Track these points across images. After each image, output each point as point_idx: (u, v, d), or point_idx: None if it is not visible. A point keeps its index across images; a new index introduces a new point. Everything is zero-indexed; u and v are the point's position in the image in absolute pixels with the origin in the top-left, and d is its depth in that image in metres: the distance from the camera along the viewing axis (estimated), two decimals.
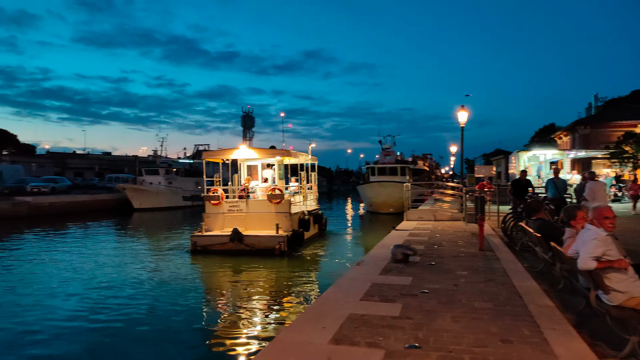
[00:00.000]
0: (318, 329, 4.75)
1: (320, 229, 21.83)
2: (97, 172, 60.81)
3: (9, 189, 36.16)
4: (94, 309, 9.72)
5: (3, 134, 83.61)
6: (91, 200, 37.00)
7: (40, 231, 23.73)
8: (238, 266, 14.32)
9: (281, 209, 16.96)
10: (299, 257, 16.05)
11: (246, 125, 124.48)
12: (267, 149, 21.01)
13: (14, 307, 9.93)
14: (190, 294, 11.15)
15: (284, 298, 10.93)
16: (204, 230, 17.00)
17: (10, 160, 51.72)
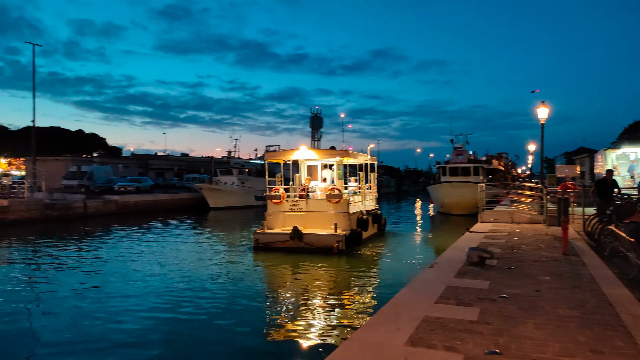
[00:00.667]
0: (393, 330, 4.73)
1: (379, 229, 21.76)
2: (176, 173, 64.35)
3: (99, 188, 39.31)
4: (163, 302, 10.21)
5: (94, 137, 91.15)
6: (171, 199, 39.26)
7: (126, 227, 25.58)
8: (298, 263, 14.67)
9: (339, 208, 17.20)
10: (358, 256, 16.13)
11: (314, 126, 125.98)
12: (327, 150, 21.28)
13: (101, 297, 10.78)
14: (252, 289, 11.56)
15: (344, 296, 10.98)
16: (266, 228, 17.57)
17: (100, 161, 56.14)
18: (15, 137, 77.24)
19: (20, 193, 28.29)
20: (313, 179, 19.89)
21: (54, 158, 51.99)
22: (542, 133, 19.37)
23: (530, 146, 44.08)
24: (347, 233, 16.59)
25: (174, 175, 63.42)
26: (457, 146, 40.31)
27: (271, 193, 18.16)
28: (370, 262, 15.62)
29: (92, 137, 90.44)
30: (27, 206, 26.74)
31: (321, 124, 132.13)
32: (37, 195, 29.81)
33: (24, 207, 26.48)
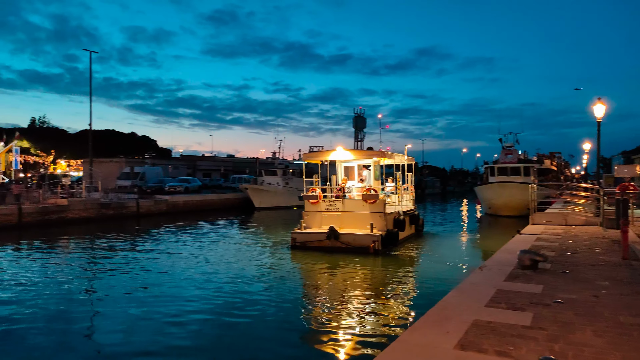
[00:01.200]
0: (442, 333, 4.64)
1: (417, 229, 21.68)
2: (223, 173, 65.94)
3: (150, 188, 40.88)
4: (205, 303, 10.37)
5: (145, 139, 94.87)
6: (218, 199, 40.27)
7: (176, 226, 26.46)
8: (334, 263, 14.85)
9: (376, 208, 17.23)
10: (395, 257, 16.10)
11: (358, 126, 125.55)
12: (363, 151, 21.41)
13: (150, 297, 11.19)
14: (291, 289, 11.73)
15: (382, 297, 10.95)
16: (303, 228, 17.89)
17: (151, 162, 58.40)
18: (74, 140, 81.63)
19: (78, 193, 29.86)
20: (350, 180, 20.03)
21: (109, 160, 54.58)
22: (599, 131, 18.42)
23: (585, 145, 42.02)
24: (384, 233, 16.62)
25: (221, 175, 65.00)
26: (506, 145, 39.00)
27: (308, 193, 18.45)
28: (408, 263, 15.53)
29: (143, 139, 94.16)
30: (85, 205, 28.19)
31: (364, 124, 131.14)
32: (93, 195, 31.38)
33: (82, 206, 27.94)
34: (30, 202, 26.37)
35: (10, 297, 10.80)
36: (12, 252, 17.71)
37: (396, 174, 20.68)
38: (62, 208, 26.72)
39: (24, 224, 24.43)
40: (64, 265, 14.93)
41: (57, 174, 40.92)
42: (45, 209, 25.85)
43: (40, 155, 75.89)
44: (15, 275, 13.32)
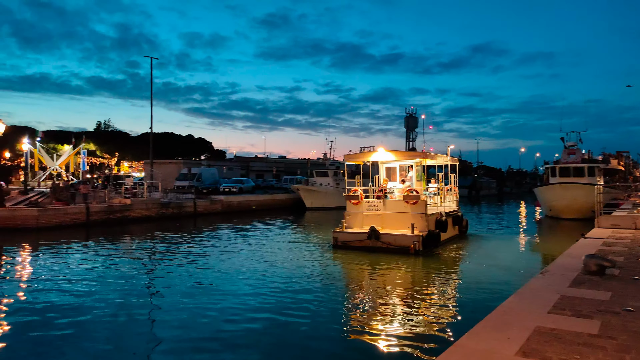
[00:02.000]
0: (502, 339, 4.51)
1: (460, 230, 21.50)
2: (275, 174, 67.08)
3: (206, 189, 42.28)
4: (253, 295, 10.87)
5: (201, 141, 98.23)
6: (271, 199, 41.02)
7: (230, 226, 27.23)
8: (375, 262, 14.99)
9: (417, 209, 17.32)
10: (436, 258, 16.03)
11: (409, 126, 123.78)
12: (405, 152, 21.62)
13: (202, 292, 11.57)
14: (335, 289, 11.98)
15: (425, 298, 10.89)
16: (344, 227, 18.20)
17: (207, 164, 60.36)
18: (135, 143, 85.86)
19: (140, 193, 31.39)
20: (392, 180, 20.16)
21: (168, 161, 56.93)
22: None
23: None
24: (425, 234, 16.68)
25: (273, 176, 66.16)
26: (568, 145, 37.06)
27: (349, 194, 18.71)
28: (451, 264, 15.38)
29: (200, 141, 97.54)
30: (146, 205, 29.60)
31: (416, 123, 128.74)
32: (154, 195, 32.88)
33: (143, 205, 29.36)
34: (97, 201, 28.02)
35: (79, 290, 11.53)
36: (81, 248, 18.89)
37: (439, 174, 20.67)
38: (125, 207, 28.20)
39: (91, 222, 25.99)
40: (127, 262, 15.75)
41: (120, 175, 43.12)
42: (110, 208, 27.39)
43: (105, 157, 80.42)
44: (83, 270, 14.24)
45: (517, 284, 11.68)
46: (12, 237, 21.02)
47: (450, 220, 19.63)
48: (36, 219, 23.79)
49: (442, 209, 19.47)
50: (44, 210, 24.42)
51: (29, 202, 26.44)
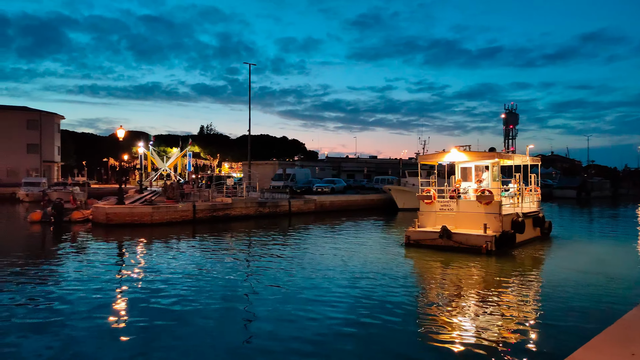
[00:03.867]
0: (625, 355, 4.13)
1: (542, 232, 21.18)
2: (366, 174, 67.15)
3: (300, 188, 43.58)
4: (337, 294, 11.04)
5: (295, 143, 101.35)
6: (362, 199, 41.16)
7: (323, 225, 27.78)
8: (447, 261, 15.44)
9: (490, 209, 17.45)
10: (510, 258, 16.01)
11: (508, 123, 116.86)
12: (479, 152, 20.90)
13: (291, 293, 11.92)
14: (406, 285, 12.32)
15: (503, 300, 10.74)
16: (417, 226, 18.78)
17: (300, 164, 62.17)
18: (234, 145, 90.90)
19: (240, 192, 33.23)
20: (468, 180, 20.26)
21: (264, 162, 59.55)
22: None
23: None
24: (498, 234, 16.80)
25: (364, 176, 66.28)
26: None
27: (422, 194, 19.25)
28: (528, 265, 15.21)
29: (293, 142, 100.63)
30: (245, 204, 31.26)
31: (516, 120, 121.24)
32: (252, 194, 34.61)
33: (243, 204, 31.05)
34: (202, 200, 30.16)
35: (184, 283, 12.49)
36: (188, 243, 20.47)
37: (516, 175, 20.54)
38: (227, 206, 30.03)
39: (197, 219, 28.04)
40: (229, 257, 16.77)
41: (222, 175, 45.94)
42: (213, 206, 29.34)
43: (208, 158, 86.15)
44: (190, 263, 15.41)
45: (618, 294, 10.81)
46: (131, 232, 23.39)
47: (529, 222, 19.45)
48: (150, 216, 26.23)
49: (520, 209, 19.33)
50: (157, 208, 26.84)
51: (144, 200, 29.21)
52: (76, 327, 8.80)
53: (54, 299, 10.82)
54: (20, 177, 59.38)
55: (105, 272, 13.99)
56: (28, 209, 36.59)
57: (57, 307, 10.16)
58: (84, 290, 11.56)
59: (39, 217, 27.30)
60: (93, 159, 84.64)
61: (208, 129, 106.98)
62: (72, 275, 13.42)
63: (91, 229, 25.05)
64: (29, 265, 15.10)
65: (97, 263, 15.40)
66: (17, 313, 9.69)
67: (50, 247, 19.85)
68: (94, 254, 17.23)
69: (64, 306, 10.20)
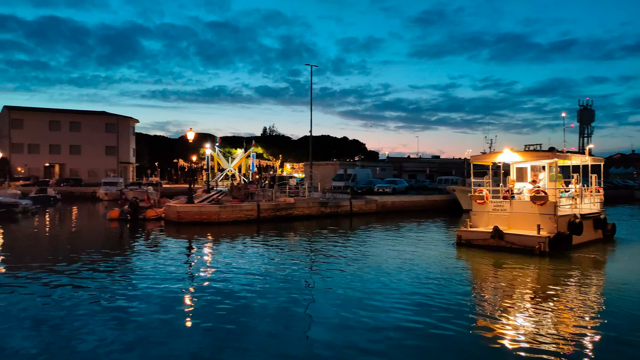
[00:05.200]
0: None
1: (605, 234, 20.62)
2: (428, 174, 65.86)
3: (361, 189, 43.49)
4: (381, 295, 10.99)
5: (355, 143, 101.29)
6: (425, 200, 40.37)
7: (384, 225, 27.56)
8: (500, 261, 15.47)
9: (545, 210, 17.25)
10: (565, 260, 15.69)
11: (583, 120, 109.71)
12: (534, 152, 20.22)
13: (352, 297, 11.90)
14: (459, 284, 12.41)
15: (561, 301, 10.61)
16: (469, 226, 18.92)
17: (361, 164, 62.02)
18: (296, 145, 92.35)
19: (302, 192, 33.74)
20: (524, 180, 19.99)
21: (325, 163, 60.03)
22: None
23: None
24: (552, 235, 16.59)
25: (426, 177, 65.05)
26: None
27: (475, 194, 19.30)
28: (586, 268, 14.68)
29: (354, 143, 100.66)
30: (307, 204, 31.69)
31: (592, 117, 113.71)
32: (313, 195, 35.02)
33: (305, 204, 31.49)
34: (266, 199, 30.95)
35: (248, 281, 12.83)
36: (253, 241, 21.06)
37: (575, 175, 20.17)
38: (289, 205, 30.60)
39: (261, 218, 28.81)
40: (291, 256, 17.08)
41: (283, 176, 46.86)
42: (277, 206, 30.01)
43: (271, 159, 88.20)
44: (254, 261, 15.84)
45: None
46: (200, 229, 24.48)
47: (588, 223, 19.13)
48: (218, 214, 27.29)
49: (578, 210, 18.93)
50: (223, 207, 27.88)
51: (212, 199, 30.44)
52: (147, 319, 9.34)
53: (128, 291, 11.54)
54: (100, 178, 63.96)
55: (176, 267, 14.72)
56: (107, 207, 39.29)
57: (130, 299, 10.82)
58: (155, 284, 12.24)
59: (117, 215, 29.26)
60: (164, 160, 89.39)
61: (270, 130, 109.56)
62: (145, 270, 14.25)
63: (163, 226, 26.47)
64: (108, 259, 16.22)
65: (169, 259, 16.24)
66: (94, 306, 10.42)
67: (127, 243, 21.21)
68: (166, 250, 18.20)
69: (136, 298, 10.86)
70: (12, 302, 10.57)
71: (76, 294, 11.22)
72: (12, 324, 9.01)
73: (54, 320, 9.20)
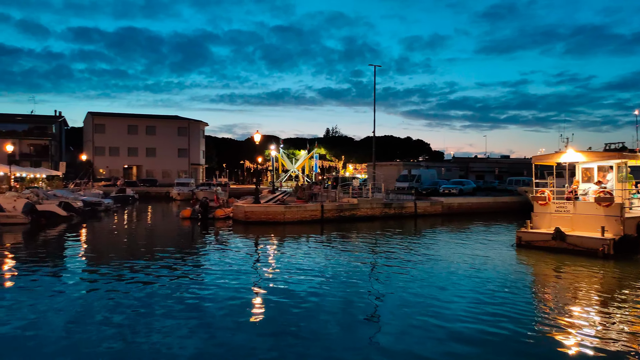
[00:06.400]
0: None
1: None
2: (497, 175, 63.21)
3: (425, 190, 42.55)
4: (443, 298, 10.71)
5: (419, 143, 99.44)
6: (494, 202, 38.76)
7: (450, 228, 26.81)
8: (561, 263, 15.21)
9: (610, 212, 16.83)
10: (632, 263, 15.39)
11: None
12: (599, 152, 19.56)
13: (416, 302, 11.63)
14: (522, 288, 12.14)
15: (624, 309, 10.17)
16: (529, 227, 18.72)
17: (425, 165, 60.77)
18: (358, 146, 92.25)
19: (365, 193, 33.62)
20: (589, 181, 19.46)
21: (389, 163, 59.41)
22: None
23: None
24: (617, 238, 16.23)
25: (495, 177, 62.45)
26: None
27: (536, 195, 19.02)
28: None
29: (418, 143, 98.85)
30: (371, 204, 31.52)
31: None
32: (377, 196, 34.77)
33: (368, 205, 31.35)
34: (329, 200, 31.15)
35: (311, 280, 12.99)
36: (316, 241, 21.29)
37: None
38: (353, 206, 30.60)
39: (325, 218, 29.04)
40: (355, 257, 17.06)
41: (346, 177, 46.91)
42: (340, 207, 30.12)
43: (333, 160, 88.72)
44: (316, 262, 15.99)
45: None
46: (266, 229, 25.12)
47: None
48: (283, 214, 27.86)
49: None
50: (288, 207, 28.42)
51: (277, 199, 31.14)
52: (213, 313, 9.83)
53: (197, 287, 12.15)
54: (173, 178, 67.64)
55: (243, 265, 15.23)
56: (179, 206, 41.39)
57: (199, 293, 11.37)
58: (223, 280, 12.79)
59: (189, 214, 30.74)
60: (231, 161, 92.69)
61: (333, 132, 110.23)
62: (215, 267, 14.90)
63: (232, 225, 27.44)
64: (181, 255, 17.17)
65: (237, 257, 16.83)
66: (166, 299, 11.02)
67: (198, 241, 22.22)
68: (235, 249, 18.91)
69: (205, 293, 11.40)
70: (96, 291, 11.51)
71: (151, 287, 11.99)
72: (96, 312, 9.78)
73: (129, 311, 9.91)
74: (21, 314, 9.64)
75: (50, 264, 15.60)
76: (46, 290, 11.73)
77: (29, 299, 10.75)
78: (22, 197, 27.84)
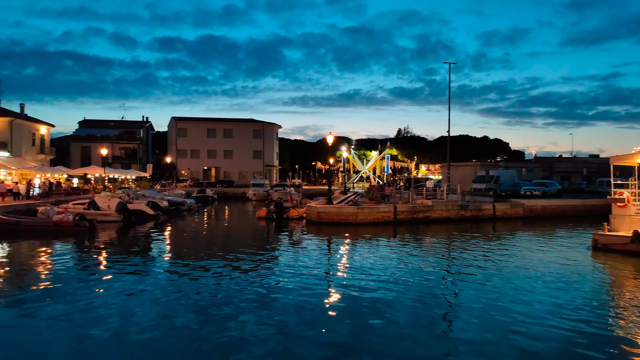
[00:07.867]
0: None
1: None
2: (585, 176, 58.78)
3: (505, 191, 40.54)
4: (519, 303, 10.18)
5: (497, 142, 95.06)
6: (582, 205, 36.09)
7: (532, 232, 25.35)
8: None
9: None
10: None
11: None
12: None
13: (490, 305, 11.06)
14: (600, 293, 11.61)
15: None
16: (606, 230, 18.34)
17: (504, 165, 57.92)
18: (432, 146, 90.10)
19: (439, 195, 32.74)
20: None
21: (464, 164, 57.38)
22: None
23: None
24: None
25: (582, 178, 58.13)
26: None
27: (615, 197, 18.64)
28: None
29: (495, 142, 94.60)
30: (446, 206, 30.63)
31: None
32: (452, 197, 33.74)
33: (443, 207, 30.50)
34: (402, 202, 30.72)
35: (384, 281, 12.91)
36: (389, 242, 21.08)
37: None
38: (427, 208, 29.92)
39: (398, 220, 28.66)
40: (428, 260, 16.70)
41: (419, 178, 45.96)
42: (414, 208, 29.59)
43: (405, 161, 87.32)
44: (389, 263, 15.89)
45: None
46: (339, 229, 25.30)
47: None
48: (355, 215, 27.89)
49: None
50: (361, 208, 28.40)
51: (349, 200, 31.22)
52: (284, 310, 10.17)
53: (271, 283, 12.66)
54: (248, 179, 70.19)
55: (317, 264, 15.51)
56: (255, 207, 42.84)
57: (272, 291, 11.82)
58: (296, 278, 13.21)
59: (264, 214, 31.73)
60: (303, 162, 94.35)
61: (405, 132, 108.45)
62: (288, 265, 15.32)
63: (305, 225, 27.95)
64: (258, 253, 17.81)
65: (311, 256, 17.15)
66: (240, 294, 11.54)
67: (273, 240, 22.88)
68: (308, 248, 19.29)
69: (277, 290, 11.85)
70: (181, 281, 12.35)
71: (228, 282, 12.73)
72: (176, 301, 10.49)
73: (206, 303, 10.60)
74: (120, 299, 10.75)
75: (141, 258, 17.01)
76: (139, 281, 13.04)
77: (123, 285, 11.81)
78: (115, 196, 30.28)
